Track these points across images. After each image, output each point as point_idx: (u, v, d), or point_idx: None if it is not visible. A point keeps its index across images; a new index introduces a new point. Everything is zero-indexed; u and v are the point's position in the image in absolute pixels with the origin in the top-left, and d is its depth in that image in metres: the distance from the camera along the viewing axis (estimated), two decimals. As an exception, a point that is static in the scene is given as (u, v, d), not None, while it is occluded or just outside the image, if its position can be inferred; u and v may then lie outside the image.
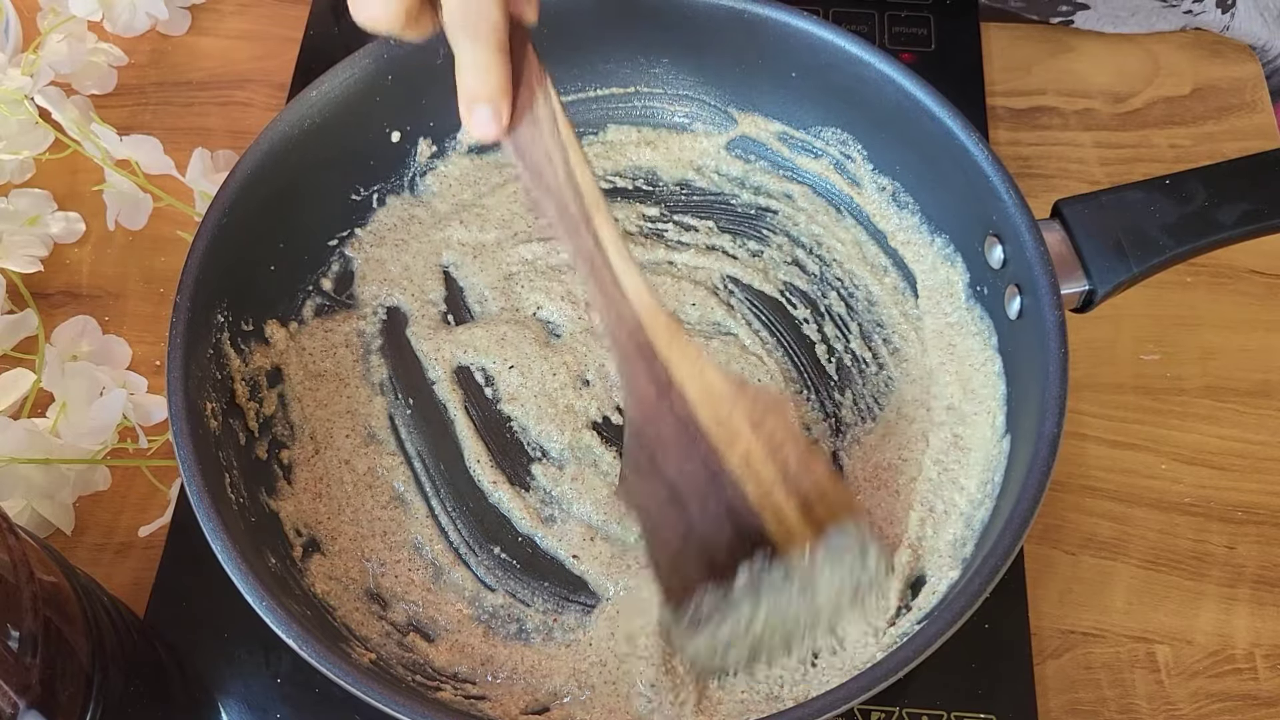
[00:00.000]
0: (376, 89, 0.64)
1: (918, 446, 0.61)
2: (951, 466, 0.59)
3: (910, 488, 0.59)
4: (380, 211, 0.68)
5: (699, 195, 0.70)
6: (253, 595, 0.49)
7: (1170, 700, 0.59)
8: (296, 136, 0.62)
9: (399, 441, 0.62)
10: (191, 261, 0.57)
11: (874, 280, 0.66)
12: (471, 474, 0.62)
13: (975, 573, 0.48)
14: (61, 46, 0.75)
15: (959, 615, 0.47)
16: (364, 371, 0.64)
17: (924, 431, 0.61)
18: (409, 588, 0.58)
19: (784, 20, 0.63)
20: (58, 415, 0.63)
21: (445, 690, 0.54)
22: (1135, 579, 0.62)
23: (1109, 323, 0.68)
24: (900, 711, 0.58)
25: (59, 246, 0.73)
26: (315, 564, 0.58)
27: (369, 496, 0.60)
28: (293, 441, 0.61)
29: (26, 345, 0.69)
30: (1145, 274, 0.54)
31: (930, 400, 0.62)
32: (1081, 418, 0.66)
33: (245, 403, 0.60)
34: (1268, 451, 0.65)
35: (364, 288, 0.66)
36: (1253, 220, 0.54)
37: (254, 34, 0.83)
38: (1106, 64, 0.81)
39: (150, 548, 0.63)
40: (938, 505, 0.58)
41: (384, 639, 0.56)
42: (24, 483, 0.60)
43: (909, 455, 0.60)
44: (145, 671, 0.55)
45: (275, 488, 0.60)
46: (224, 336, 0.60)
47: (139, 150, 0.70)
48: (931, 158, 0.61)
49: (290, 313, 0.65)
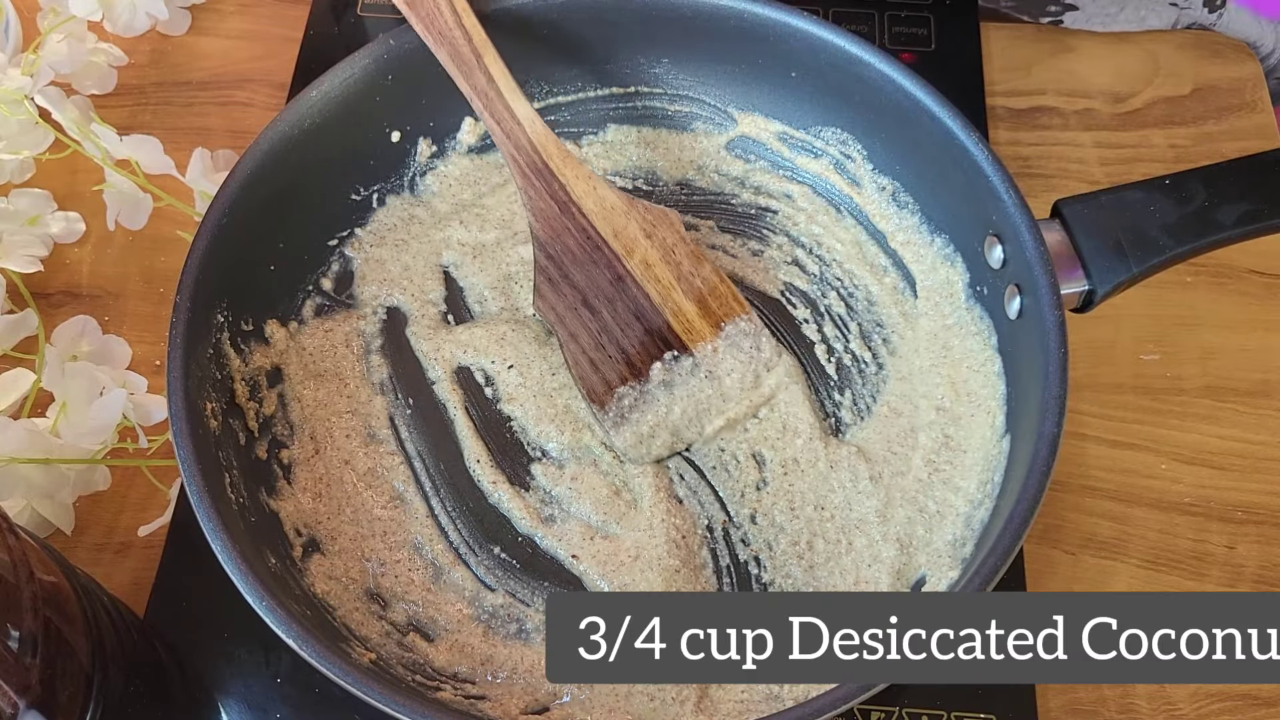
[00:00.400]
0: (376, 89, 0.64)
1: (906, 443, 0.61)
2: (943, 467, 0.59)
3: (896, 483, 0.59)
4: (380, 211, 0.68)
5: (699, 195, 0.70)
6: (253, 595, 0.49)
7: (1170, 700, 0.59)
8: (296, 136, 0.62)
9: (399, 441, 0.62)
10: (191, 261, 0.57)
11: (874, 280, 0.66)
12: (471, 474, 0.62)
13: (975, 573, 0.48)
14: (61, 46, 0.75)
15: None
16: (364, 371, 0.64)
17: (913, 427, 0.61)
18: (409, 588, 0.58)
19: (784, 20, 0.63)
20: (58, 415, 0.62)
21: (445, 690, 0.54)
22: (1135, 579, 0.62)
23: (1109, 323, 0.68)
24: (900, 711, 0.58)
25: (59, 246, 0.73)
26: (315, 564, 0.58)
27: (369, 496, 0.60)
28: (293, 441, 0.61)
29: (26, 345, 0.69)
30: (1145, 274, 0.54)
31: (919, 398, 0.62)
32: (1081, 418, 0.66)
33: (245, 403, 0.60)
34: (1268, 451, 0.66)
35: (364, 288, 0.66)
36: (1252, 220, 0.54)
37: (254, 34, 0.83)
38: (1106, 64, 0.81)
39: (150, 548, 0.63)
40: (929, 505, 0.58)
41: (384, 639, 0.56)
42: (24, 483, 0.60)
43: (899, 450, 0.61)
44: (145, 671, 0.55)
45: (275, 488, 0.60)
46: (224, 336, 0.60)
47: (139, 150, 0.70)
48: (931, 158, 0.61)
49: (290, 313, 0.65)
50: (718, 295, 0.62)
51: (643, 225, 0.61)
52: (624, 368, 0.60)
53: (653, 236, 0.61)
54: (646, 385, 0.60)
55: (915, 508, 0.59)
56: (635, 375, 0.60)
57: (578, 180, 0.61)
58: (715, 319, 0.61)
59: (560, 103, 0.71)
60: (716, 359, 0.60)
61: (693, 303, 0.61)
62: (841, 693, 0.46)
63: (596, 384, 0.60)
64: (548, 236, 0.61)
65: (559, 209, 0.61)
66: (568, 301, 0.61)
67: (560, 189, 0.61)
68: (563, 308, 0.61)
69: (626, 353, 0.60)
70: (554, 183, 0.61)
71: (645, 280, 0.61)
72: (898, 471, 0.60)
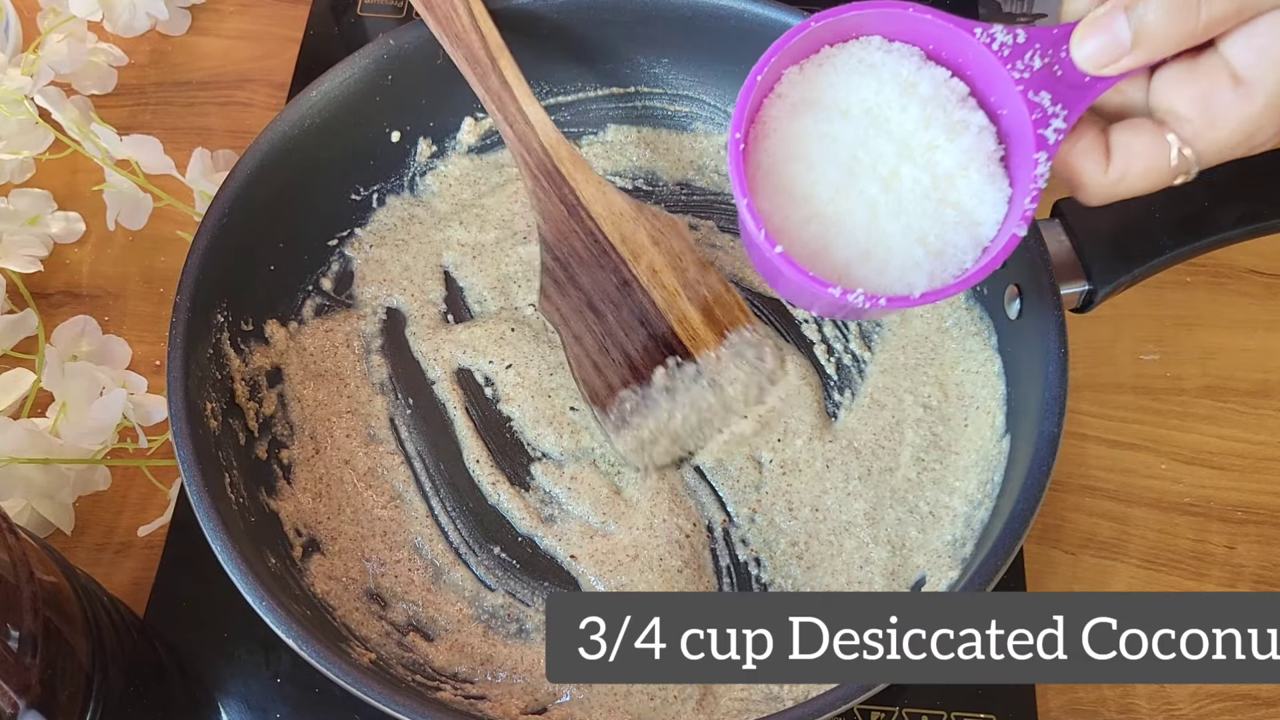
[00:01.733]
0: (376, 89, 0.64)
1: (893, 437, 0.61)
2: (933, 466, 0.59)
3: (885, 480, 0.59)
4: (380, 211, 0.68)
5: (699, 195, 0.70)
6: (252, 595, 0.49)
7: (1170, 700, 0.59)
8: (297, 136, 0.62)
9: (399, 441, 0.62)
10: (191, 261, 0.57)
11: (874, 280, 0.66)
12: (471, 474, 0.62)
13: (975, 573, 0.48)
14: (61, 47, 0.75)
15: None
16: (364, 371, 0.64)
17: (898, 420, 0.61)
18: (409, 587, 0.58)
19: (785, 20, 0.63)
20: (58, 415, 0.62)
21: (445, 690, 0.54)
22: (1135, 579, 0.62)
23: (1109, 323, 0.68)
24: (900, 711, 0.58)
25: (59, 246, 0.73)
26: (315, 564, 0.58)
27: (369, 496, 0.60)
28: (293, 441, 0.61)
29: (26, 345, 0.69)
30: (1145, 274, 0.54)
31: (902, 392, 0.62)
32: (1081, 417, 0.66)
33: (245, 403, 0.60)
34: (1268, 451, 0.65)
35: (364, 288, 0.66)
36: (1251, 221, 0.54)
37: (254, 34, 0.83)
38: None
39: (150, 548, 0.63)
40: (920, 505, 0.59)
41: (384, 639, 0.56)
42: (24, 483, 0.60)
43: (886, 444, 0.61)
44: (145, 671, 0.55)
45: (275, 487, 0.60)
46: (224, 336, 0.60)
47: (139, 150, 0.70)
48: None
49: (290, 313, 0.65)
50: (723, 304, 0.61)
51: (650, 232, 0.61)
52: (627, 371, 0.60)
53: (660, 243, 0.61)
54: (649, 390, 0.59)
55: (905, 508, 0.59)
56: (638, 379, 0.60)
57: (587, 184, 0.61)
58: (720, 327, 0.61)
59: (560, 103, 0.71)
60: (720, 367, 0.60)
61: (697, 310, 0.61)
62: (841, 693, 0.46)
63: (599, 386, 0.60)
64: (555, 239, 0.61)
65: (567, 212, 0.61)
66: (573, 304, 0.61)
67: (570, 192, 0.61)
68: (568, 309, 0.61)
69: (630, 357, 0.60)
70: (564, 186, 0.61)
71: (651, 285, 0.61)
72: (886, 467, 0.60)
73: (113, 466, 0.64)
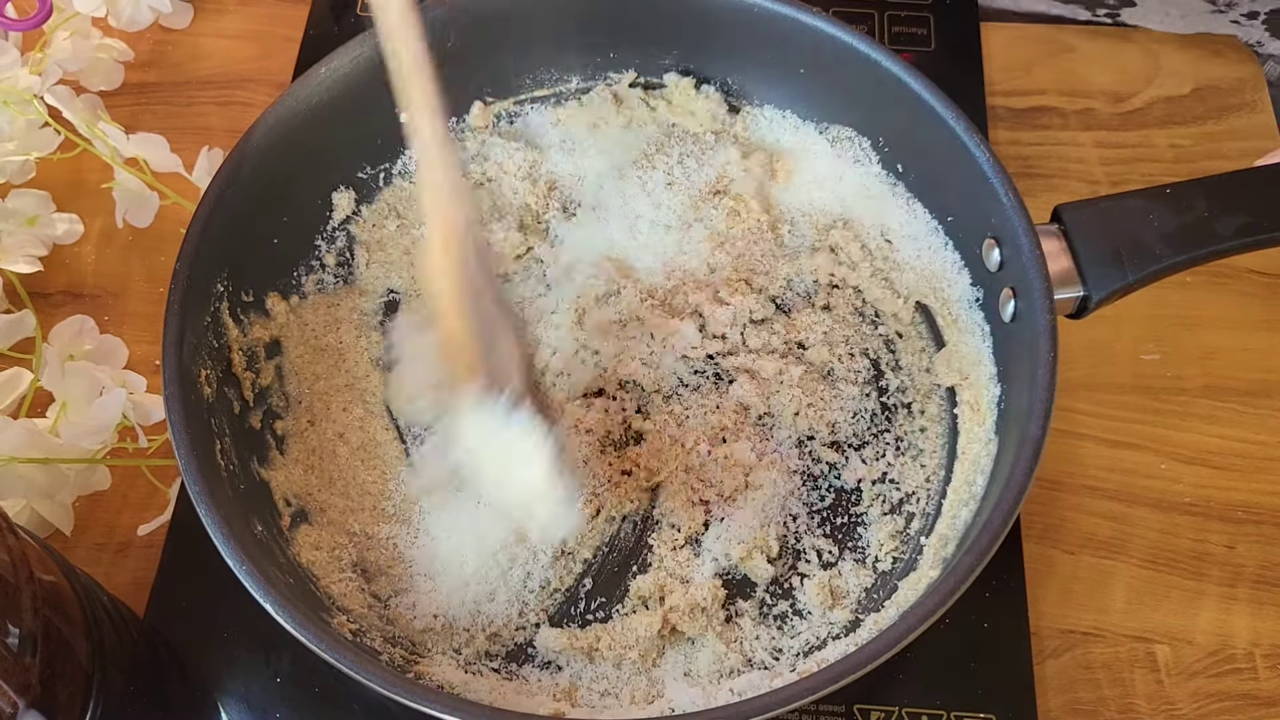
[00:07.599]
0: (385, 68, 0.64)
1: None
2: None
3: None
4: (386, 191, 0.68)
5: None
6: (234, 560, 0.48)
7: (1170, 700, 0.59)
8: (304, 113, 0.61)
9: (393, 417, 0.63)
10: (194, 228, 0.56)
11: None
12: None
13: (951, 571, 0.48)
14: (67, 44, 0.75)
15: (931, 612, 0.46)
16: (363, 348, 0.64)
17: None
18: (394, 562, 0.58)
19: (791, 15, 0.63)
20: (57, 415, 0.62)
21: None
22: (1135, 579, 0.62)
23: (1109, 322, 0.68)
24: (900, 711, 0.58)
25: (59, 246, 0.73)
26: (302, 534, 0.58)
27: (360, 470, 0.61)
28: (288, 413, 0.62)
29: (25, 346, 0.69)
30: (1141, 283, 0.54)
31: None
32: (1081, 417, 0.66)
33: (242, 373, 0.60)
34: (1268, 451, 0.65)
35: (366, 266, 0.66)
36: (1251, 233, 0.54)
37: (254, 33, 0.83)
38: (1106, 64, 0.81)
39: (150, 547, 0.63)
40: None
41: (366, 610, 0.56)
42: (24, 483, 0.60)
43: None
44: (145, 671, 0.55)
45: (267, 457, 0.60)
46: (223, 306, 0.59)
47: (147, 148, 0.70)
48: (934, 158, 0.61)
49: (292, 286, 0.65)
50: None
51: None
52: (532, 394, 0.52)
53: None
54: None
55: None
56: (542, 408, 0.52)
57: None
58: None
59: (566, 92, 0.70)
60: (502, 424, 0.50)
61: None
62: (810, 683, 0.45)
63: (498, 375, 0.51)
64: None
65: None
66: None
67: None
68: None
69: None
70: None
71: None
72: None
73: (112, 466, 0.64)
